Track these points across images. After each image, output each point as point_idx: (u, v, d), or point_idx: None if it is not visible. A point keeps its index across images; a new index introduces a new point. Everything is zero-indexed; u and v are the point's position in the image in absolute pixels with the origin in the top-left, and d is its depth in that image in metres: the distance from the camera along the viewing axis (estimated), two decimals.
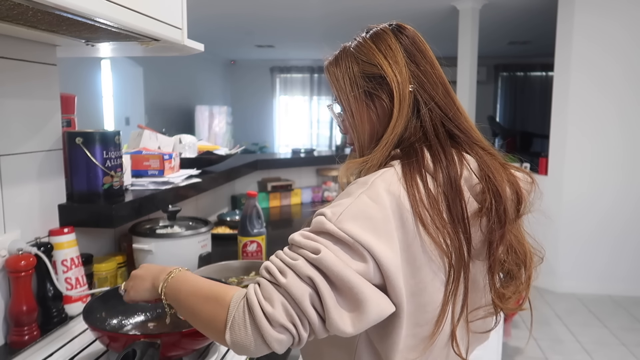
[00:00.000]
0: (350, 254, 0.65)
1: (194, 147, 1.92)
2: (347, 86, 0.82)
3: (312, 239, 0.67)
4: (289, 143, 9.78)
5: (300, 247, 0.67)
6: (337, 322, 0.63)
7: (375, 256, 0.65)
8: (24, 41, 1.07)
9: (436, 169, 0.73)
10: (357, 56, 0.82)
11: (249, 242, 1.46)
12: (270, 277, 0.66)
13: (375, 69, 0.80)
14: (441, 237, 0.68)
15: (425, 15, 5.09)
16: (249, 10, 5.15)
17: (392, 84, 0.78)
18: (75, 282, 1.14)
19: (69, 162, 1.19)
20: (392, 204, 0.68)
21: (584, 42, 3.75)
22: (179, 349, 0.87)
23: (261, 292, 0.65)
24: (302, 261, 0.65)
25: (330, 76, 0.85)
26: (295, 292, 0.63)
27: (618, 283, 3.82)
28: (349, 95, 0.82)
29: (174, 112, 7.31)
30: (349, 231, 0.65)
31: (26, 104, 1.09)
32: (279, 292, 0.64)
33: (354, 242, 0.65)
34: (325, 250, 0.64)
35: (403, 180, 0.70)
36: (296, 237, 0.69)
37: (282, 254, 0.69)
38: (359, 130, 0.83)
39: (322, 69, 6.46)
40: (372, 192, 0.69)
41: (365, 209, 0.67)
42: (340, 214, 0.67)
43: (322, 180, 2.88)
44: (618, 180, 3.81)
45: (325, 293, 0.63)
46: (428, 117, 0.78)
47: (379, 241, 0.65)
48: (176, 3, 1.09)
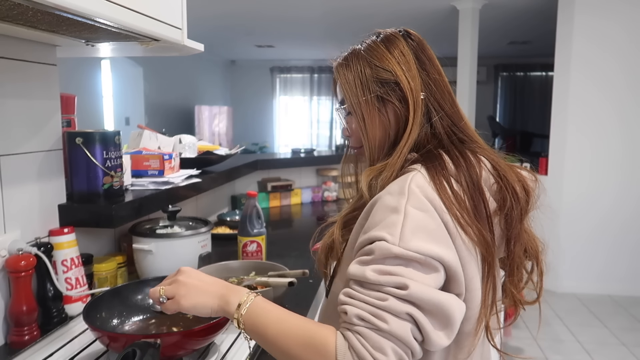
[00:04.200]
0: (423, 270, 0.67)
1: (194, 147, 1.92)
2: (359, 90, 0.82)
3: (389, 273, 0.66)
4: (289, 143, 9.77)
5: (381, 285, 0.66)
6: (437, 342, 0.66)
7: (445, 264, 0.68)
8: (24, 41, 1.07)
9: (458, 172, 0.75)
10: (369, 60, 0.82)
11: (249, 242, 1.46)
12: (370, 325, 0.65)
13: (389, 74, 0.81)
14: (475, 235, 0.71)
15: (425, 15, 5.08)
16: (249, 10, 5.15)
17: (407, 91, 0.80)
18: (75, 282, 1.14)
19: (69, 162, 1.19)
20: (434, 208, 0.70)
21: (584, 43, 3.76)
22: (179, 349, 0.87)
23: (368, 343, 0.64)
24: (393, 300, 0.65)
25: (341, 78, 0.84)
26: (401, 334, 0.64)
27: (618, 283, 3.83)
28: (360, 99, 0.82)
29: (174, 112, 7.31)
30: (417, 248, 0.66)
31: (26, 104, 1.09)
32: (386, 339, 0.64)
33: (425, 258, 0.66)
34: (411, 282, 0.65)
35: (432, 184, 0.72)
36: (369, 275, 0.66)
37: (365, 297, 0.66)
38: (370, 134, 0.82)
39: (322, 69, 6.52)
40: (415, 201, 0.70)
41: (420, 221, 0.68)
42: (401, 234, 0.67)
43: (322, 180, 2.88)
44: (618, 180, 3.81)
45: (423, 322, 0.65)
46: (439, 124, 0.81)
47: (442, 248, 0.68)
48: (176, 3, 1.09)
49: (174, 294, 0.76)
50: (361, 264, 0.69)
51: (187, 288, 0.76)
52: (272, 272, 1.22)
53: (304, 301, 1.25)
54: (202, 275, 0.79)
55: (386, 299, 0.65)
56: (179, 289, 0.76)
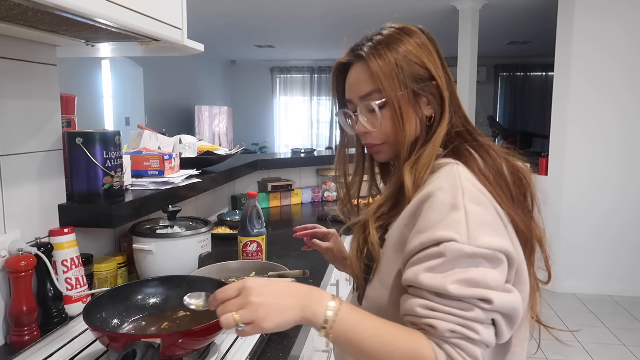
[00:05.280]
0: (491, 265, 0.68)
1: (194, 147, 1.92)
2: (396, 83, 0.80)
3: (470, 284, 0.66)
4: (289, 143, 9.77)
5: (464, 297, 0.66)
6: (506, 338, 0.70)
7: (507, 255, 0.69)
8: (24, 41, 1.07)
9: (486, 165, 0.77)
10: (404, 55, 0.81)
11: (249, 242, 1.46)
12: (462, 336, 0.66)
13: (425, 71, 0.81)
14: (520, 221, 0.75)
15: (425, 15, 5.09)
16: (249, 10, 5.15)
17: (442, 89, 0.81)
18: (75, 282, 1.14)
19: (69, 162, 1.19)
20: (487, 200, 0.72)
21: (583, 43, 3.76)
22: (179, 349, 0.87)
23: (465, 353, 0.66)
24: (479, 311, 0.66)
25: (375, 69, 0.81)
26: (489, 340, 0.68)
27: (618, 283, 3.82)
28: (397, 92, 0.80)
29: (174, 112, 7.32)
30: (486, 244, 0.67)
31: (26, 104, 1.08)
32: (478, 346, 0.67)
33: (493, 253, 0.67)
34: (493, 295, 0.66)
35: (474, 177, 0.74)
36: (452, 289, 0.66)
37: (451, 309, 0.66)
38: (406, 128, 0.81)
39: (322, 69, 6.49)
40: (471, 195, 0.71)
41: (479, 215, 0.69)
42: (468, 232, 0.67)
43: (322, 180, 2.88)
44: (617, 180, 3.82)
45: (502, 325, 0.69)
46: (458, 122, 0.83)
47: (503, 239, 0.69)
48: (176, 3, 1.09)
49: (252, 319, 0.67)
50: (434, 272, 0.67)
51: (265, 309, 0.67)
52: (272, 272, 1.22)
53: None
54: (272, 288, 0.70)
55: (472, 309, 0.66)
56: (257, 312, 0.67)
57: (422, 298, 0.68)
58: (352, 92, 0.86)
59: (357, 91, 0.85)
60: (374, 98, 0.82)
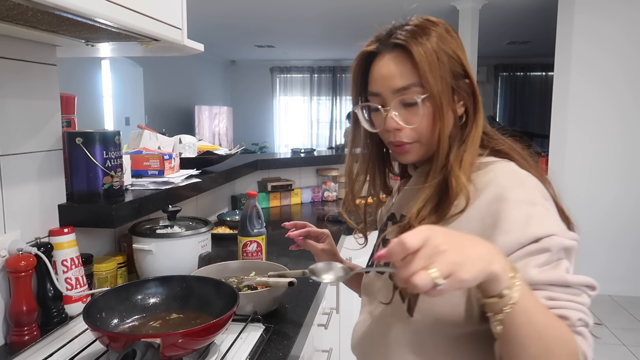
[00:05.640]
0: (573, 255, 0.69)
1: (194, 147, 1.92)
2: (438, 78, 0.75)
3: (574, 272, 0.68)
4: (289, 143, 9.77)
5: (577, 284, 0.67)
6: None
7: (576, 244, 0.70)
8: (24, 41, 1.07)
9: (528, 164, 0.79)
10: (444, 49, 0.76)
11: (249, 242, 1.46)
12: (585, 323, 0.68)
13: (460, 67, 0.78)
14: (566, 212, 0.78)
15: (425, 15, 5.08)
16: (249, 10, 5.15)
17: (475, 86, 0.79)
18: (75, 282, 1.14)
19: (69, 162, 1.19)
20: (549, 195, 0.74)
21: (583, 43, 3.76)
22: (179, 349, 0.87)
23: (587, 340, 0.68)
24: (586, 297, 0.68)
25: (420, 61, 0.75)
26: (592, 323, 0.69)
27: (618, 283, 3.82)
28: (440, 88, 0.75)
29: (174, 112, 7.32)
30: (573, 236, 0.69)
31: (26, 104, 1.08)
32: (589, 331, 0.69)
33: (575, 243, 0.69)
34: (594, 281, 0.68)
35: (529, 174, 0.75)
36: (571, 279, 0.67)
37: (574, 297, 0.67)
38: (445, 125, 0.76)
39: (322, 69, 6.45)
40: (539, 191, 0.73)
41: (553, 209, 0.72)
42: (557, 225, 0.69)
43: (322, 180, 2.88)
44: (618, 179, 3.82)
45: None
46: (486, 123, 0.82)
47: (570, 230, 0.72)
48: (176, 3, 1.09)
49: (450, 272, 0.53)
50: (544, 267, 0.66)
51: (460, 258, 0.54)
52: (272, 272, 1.22)
53: (303, 301, 1.25)
54: (458, 236, 0.58)
55: (582, 296, 0.67)
56: (454, 263, 0.53)
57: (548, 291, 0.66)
58: (384, 85, 0.79)
59: (391, 84, 0.78)
60: (412, 92, 0.76)
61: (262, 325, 1.07)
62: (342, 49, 8.14)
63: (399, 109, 0.78)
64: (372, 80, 0.82)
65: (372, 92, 0.82)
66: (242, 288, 1.15)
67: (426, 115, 0.77)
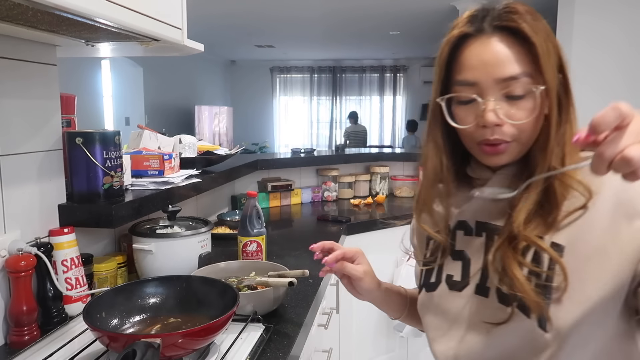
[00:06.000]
0: None
1: (194, 147, 1.92)
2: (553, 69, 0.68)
3: None
4: (289, 143, 9.78)
5: None
6: None
7: None
8: (24, 41, 1.07)
9: None
10: (552, 39, 0.70)
11: (249, 242, 1.46)
12: None
13: (559, 61, 0.71)
14: None
15: (425, 15, 5.08)
16: (249, 10, 5.16)
17: (569, 81, 0.71)
18: (75, 282, 1.14)
19: (69, 162, 1.19)
20: None
21: (583, 43, 3.76)
22: (179, 349, 0.87)
23: None
24: None
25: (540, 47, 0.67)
26: None
27: None
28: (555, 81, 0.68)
29: (174, 112, 7.32)
30: None
31: (26, 104, 1.09)
32: None
33: None
34: None
35: None
36: None
37: None
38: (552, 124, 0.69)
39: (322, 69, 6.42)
40: None
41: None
42: None
43: (322, 180, 2.88)
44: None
45: None
46: None
47: None
48: (176, 3, 1.09)
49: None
50: None
51: None
52: (272, 272, 1.22)
53: (303, 301, 1.25)
54: None
55: None
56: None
57: None
58: (484, 72, 0.68)
59: (495, 71, 0.68)
60: (521, 82, 0.67)
61: (262, 325, 1.08)
62: (342, 49, 8.15)
63: (503, 102, 0.69)
64: (465, 67, 0.70)
65: (463, 81, 0.71)
66: (242, 288, 1.15)
67: (532, 110, 0.68)
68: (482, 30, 0.70)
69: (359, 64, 9.79)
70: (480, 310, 0.76)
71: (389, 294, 0.98)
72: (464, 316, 0.78)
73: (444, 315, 0.82)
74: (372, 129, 9.64)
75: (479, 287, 0.77)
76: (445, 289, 0.81)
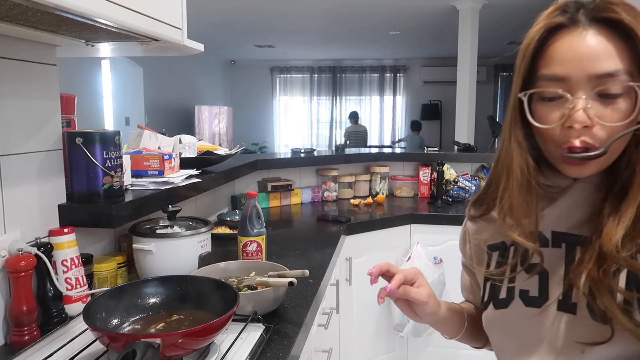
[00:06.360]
0: None
1: (194, 147, 1.92)
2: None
3: None
4: (289, 143, 9.79)
5: None
6: None
7: None
8: (24, 41, 1.07)
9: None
10: None
11: (249, 242, 1.46)
12: None
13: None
14: None
15: (425, 15, 5.08)
16: (249, 10, 5.16)
17: None
18: (75, 282, 1.14)
19: (69, 162, 1.19)
20: None
21: None
22: (179, 349, 0.87)
23: None
24: None
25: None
26: None
27: None
28: None
29: (174, 112, 7.33)
30: None
31: (26, 104, 1.09)
32: None
33: None
34: None
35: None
36: None
37: None
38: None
39: (322, 69, 6.44)
40: None
41: None
42: None
43: (322, 180, 2.88)
44: None
45: None
46: None
47: None
48: (176, 3, 1.09)
49: None
50: None
51: None
52: (272, 272, 1.22)
53: (303, 301, 1.25)
54: None
55: None
56: None
57: None
58: (578, 67, 0.62)
59: (590, 66, 0.61)
60: (619, 81, 0.61)
61: (262, 325, 1.08)
62: (342, 49, 8.15)
63: (598, 101, 0.62)
64: (554, 61, 0.64)
65: (552, 76, 0.64)
66: (242, 288, 1.15)
67: (628, 112, 0.61)
68: (577, 21, 0.64)
69: (359, 64, 9.79)
70: (569, 329, 0.68)
71: (450, 314, 0.88)
72: (545, 335, 0.70)
73: (520, 334, 0.74)
74: (372, 129, 9.65)
75: (562, 304, 0.69)
76: (521, 305, 0.73)
